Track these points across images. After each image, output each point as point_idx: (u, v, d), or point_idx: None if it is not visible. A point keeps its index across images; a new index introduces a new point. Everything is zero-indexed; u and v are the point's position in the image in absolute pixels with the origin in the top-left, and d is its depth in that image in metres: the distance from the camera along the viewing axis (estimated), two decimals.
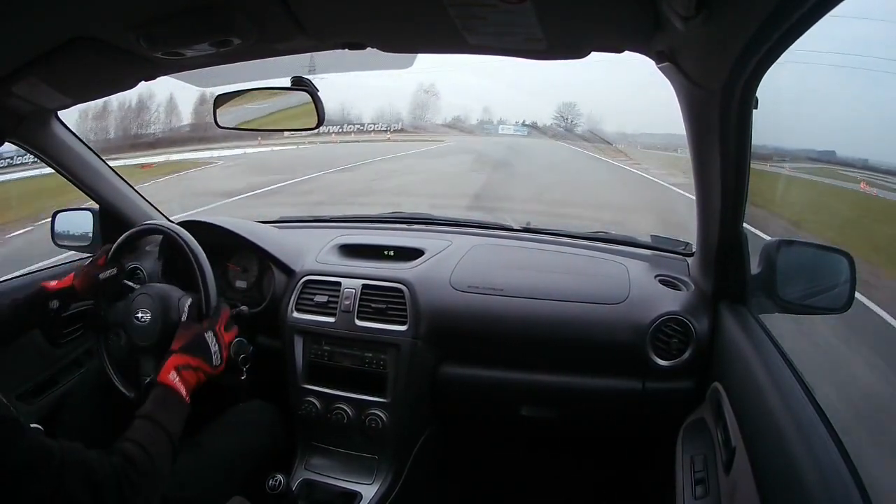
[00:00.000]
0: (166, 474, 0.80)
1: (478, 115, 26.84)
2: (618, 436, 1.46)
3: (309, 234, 1.60)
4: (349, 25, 0.83)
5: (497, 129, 24.35)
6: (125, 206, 1.51)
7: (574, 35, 0.80)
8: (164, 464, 0.80)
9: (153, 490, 0.76)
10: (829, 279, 1.01)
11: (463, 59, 16.53)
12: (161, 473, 0.79)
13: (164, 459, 0.80)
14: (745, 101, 0.75)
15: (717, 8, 0.55)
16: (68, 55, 0.84)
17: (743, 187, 0.91)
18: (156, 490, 0.77)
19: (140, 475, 0.74)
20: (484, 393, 1.30)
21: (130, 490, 0.72)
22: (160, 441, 0.81)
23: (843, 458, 0.62)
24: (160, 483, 0.78)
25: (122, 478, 0.72)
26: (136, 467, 0.74)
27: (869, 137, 11.99)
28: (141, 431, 0.80)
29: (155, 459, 0.77)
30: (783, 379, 0.78)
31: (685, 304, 1.17)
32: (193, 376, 0.95)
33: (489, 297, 1.25)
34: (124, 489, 0.71)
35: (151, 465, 0.76)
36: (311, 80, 1.00)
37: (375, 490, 1.27)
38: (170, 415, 0.85)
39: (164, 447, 0.81)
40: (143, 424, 0.82)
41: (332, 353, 1.30)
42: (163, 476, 0.79)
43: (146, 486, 0.74)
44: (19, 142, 1.22)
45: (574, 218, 6.20)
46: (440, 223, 1.64)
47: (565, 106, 25.68)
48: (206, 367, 0.98)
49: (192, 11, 0.75)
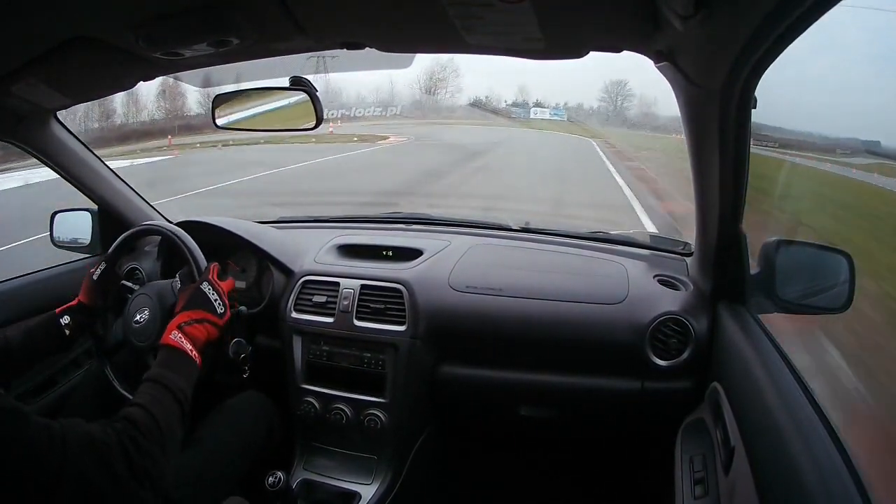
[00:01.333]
0: (177, 433, 0.78)
1: (511, 96, 22.05)
2: (617, 436, 1.46)
3: (308, 234, 1.60)
4: (348, 25, 0.83)
5: (529, 113, 19.66)
6: (124, 207, 1.51)
7: (572, 35, 0.80)
8: (172, 423, 0.77)
9: (163, 450, 0.74)
10: (828, 279, 1.01)
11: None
12: (170, 433, 0.76)
13: (172, 418, 0.78)
14: (744, 101, 0.75)
15: (716, 7, 0.55)
16: (67, 55, 0.85)
17: (742, 187, 0.91)
18: (165, 450, 0.75)
19: (146, 437, 0.72)
20: (482, 393, 1.30)
21: (138, 453, 0.70)
22: (166, 401, 0.78)
23: (842, 457, 0.62)
24: (171, 443, 0.76)
25: (128, 441, 0.70)
26: (140, 429, 0.72)
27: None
28: (144, 394, 0.78)
29: (160, 420, 0.75)
30: (782, 379, 0.78)
31: (684, 303, 1.17)
32: (200, 330, 0.92)
33: (488, 297, 1.25)
34: (130, 453, 0.69)
35: (157, 426, 0.74)
36: (309, 81, 1.00)
37: (374, 490, 1.26)
38: (175, 374, 0.83)
39: (170, 406, 0.78)
40: (147, 387, 0.80)
41: (331, 354, 1.30)
42: (173, 435, 0.77)
43: (154, 448, 0.72)
44: (18, 142, 1.22)
45: None
46: (439, 223, 1.64)
47: (614, 85, 21.27)
48: (210, 316, 0.95)
49: (191, 11, 0.75)
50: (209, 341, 0.95)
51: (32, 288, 1.40)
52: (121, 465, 0.68)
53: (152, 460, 0.72)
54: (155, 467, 0.72)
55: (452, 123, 17.93)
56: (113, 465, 0.68)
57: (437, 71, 19.68)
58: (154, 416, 0.75)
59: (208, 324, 0.94)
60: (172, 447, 0.77)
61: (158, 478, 0.72)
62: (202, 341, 0.92)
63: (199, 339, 0.91)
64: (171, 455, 0.76)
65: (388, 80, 19.83)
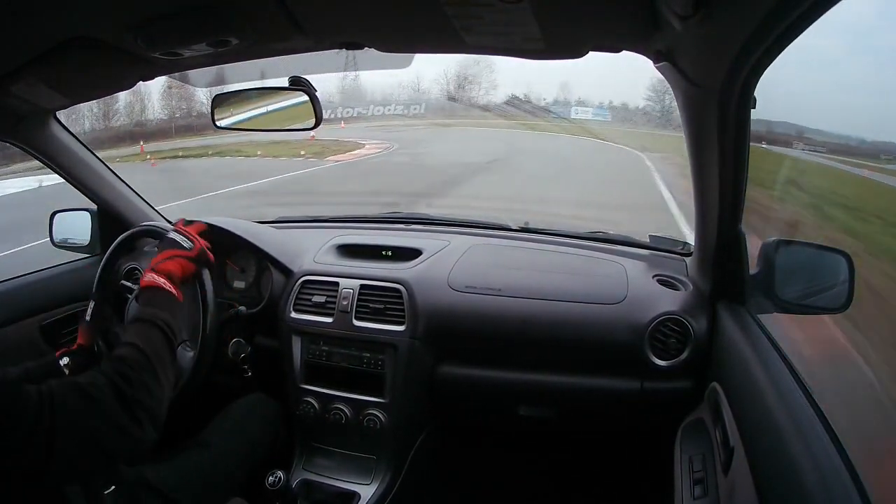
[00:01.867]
0: (167, 362, 0.81)
1: (551, 93, 18.69)
2: (616, 436, 1.46)
3: (307, 234, 1.60)
4: (347, 25, 0.83)
5: (570, 112, 16.59)
6: (123, 207, 1.51)
7: (572, 35, 0.80)
8: (160, 352, 0.80)
9: (156, 379, 0.77)
10: (827, 279, 1.01)
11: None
12: (160, 362, 0.79)
13: (160, 348, 0.81)
14: (743, 101, 0.75)
15: (715, 7, 0.55)
16: (66, 55, 0.85)
17: (741, 187, 0.91)
18: (159, 379, 0.77)
19: (135, 370, 0.74)
20: (482, 393, 1.30)
21: (129, 386, 0.72)
22: (151, 334, 0.81)
23: (841, 457, 0.62)
24: (163, 372, 0.79)
25: (117, 378, 0.72)
26: (129, 363, 0.75)
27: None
28: (130, 334, 0.81)
29: (148, 351, 0.78)
30: (781, 379, 0.78)
31: (683, 303, 1.17)
32: (174, 264, 0.97)
33: (487, 297, 1.25)
34: (121, 387, 0.71)
35: (145, 357, 0.77)
36: (308, 80, 1.00)
37: (374, 490, 1.26)
38: (156, 308, 0.87)
39: (156, 337, 0.81)
40: (132, 327, 0.83)
41: (330, 354, 1.30)
42: (163, 364, 0.80)
43: (146, 377, 0.75)
44: (18, 142, 1.22)
45: None
46: (438, 223, 1.63)
47: (662, 82, 19.47)
48: (178, 252, 1.00)
49: (190, 12, 0.75)
50: (186, 275, 1.00)
51: (32, 288, 1.40)
52: (111, 402, 0.70)
53: (146, 391, 0.74)
54: (150, 398, 0.74)
55: (469, 125, 14.93)
56: (103, 403, 0.69)
57: (470, 65, 17.40)
58: (142, 350, 0.78)
59: (178, 258, 0.99)
60: (165, 377, 0.79)
61: (154, 410, 0.74)
62: (178, 275, 0.96)
63: (174, 272, 0.95)
64: (166, 385, 0.79)
65: (416, 76, 17.85)
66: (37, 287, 1.40)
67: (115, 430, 0.70)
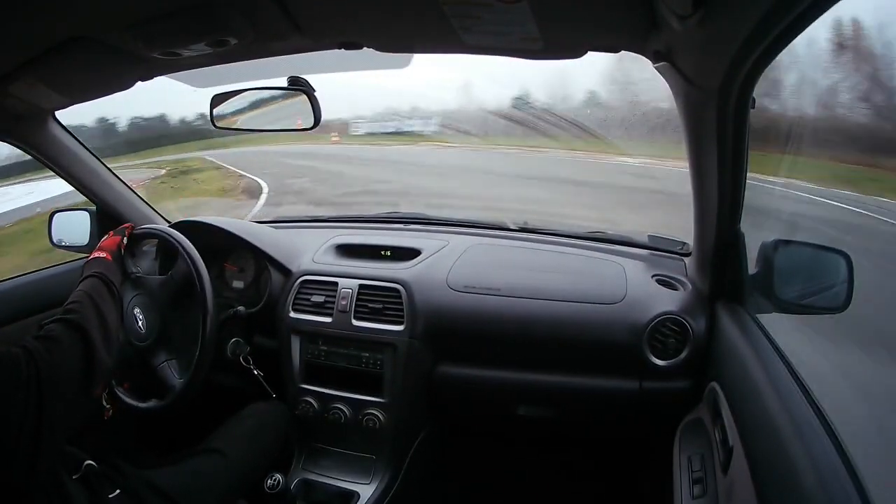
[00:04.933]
0: (107, 299, 0.95)
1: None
2: (615, 435, 1.46)
3: (306, 233, 1.60)
4: (345, 25, 0.83)
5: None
6: (123, 207, 1.51)
7: (570, 35, 0.80)
8: (101, 291, 0.95)
9: (99, 314, 0.89)
10: (826, 279, 1.01)
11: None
12: (100, 299, 0.93)
13: (100, 289, 0.96)
14: (742, 101, 0.75)
15: (714, 7, 0.55)
16: (65, 55, 0.84)
17: (740, 187, 0.91)
18: (102, 314, 0.90)
19: (83, 305, 0.89)
20: (481, 393, 1.30)
21: (72, 314, 0.85)
22: (93, 282, 0.97)
23: (840, 457, 0.62)
24: (106, 308, 0.92)
25: (63, 314, 0.85)
26: (76, 303, 0.89)
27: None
28: (77, 289, 0.96)
29: (91, 293, 0.93)
30: (780, 379, 0.78)
31: (682, 303, 1.17)
32: (108, 241, 1.13)
33: (486, 296, 1.25)
34: (64, 318, 0.84)
35: (88, 297, 0.92)
36: (307, 81, 1.00)
37: (373, 490, 1.26)
38: (94, 266, 1.03)
39: (96, 284, 0.97)
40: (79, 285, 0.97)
41: (329, 353, 1.30)
42: (104, 301, 0.93)
43: (88, 314, 0.87)
44: (16, 142, 1.22)
45: None
46: (437, 223, 1.63)
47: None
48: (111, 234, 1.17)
49: (189, 12, 0.75)
50: (114, 244, 1.13)
51: (32, 288, 1.40)
52: (65, 334, 0.81)
53: (97, 322, 0.87)
54: (101, 322, 0.88)
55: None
56: (57, 337, 0.80)
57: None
58: (84, 292, 0.93)
59: (110, 237, 1.16)
60: (109, 311, 0.93)
61: (106, 333, 0.88)
62: (110, 247, 1.11)
63: (106, 245, 1.12)
64: (110, 319, 0.92)
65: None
66: (37, 287, 1.40)
67: (78, 361, 0.81)
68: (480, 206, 4.92)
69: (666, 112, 2.50)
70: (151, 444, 1.57)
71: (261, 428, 1.20)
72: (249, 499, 1.11)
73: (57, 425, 0.72)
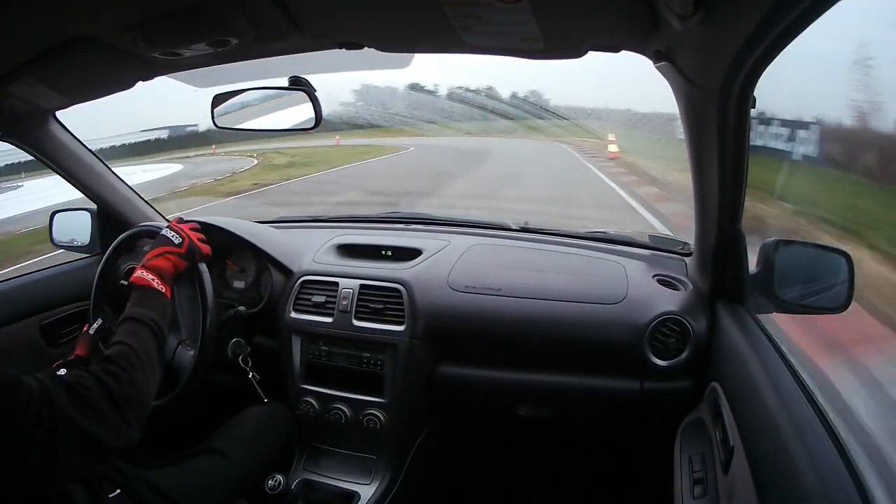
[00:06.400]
0: (155, 359, 0.86)
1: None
2: (615, 436, 1.46)
3: (307, 233, 1.60)
4: (346, 25, 0.83)
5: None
6: (123, 207, 1.51)
7: (571, 34, 0.80)
8: (149, 349, 0.85)
9: (145, 374, 0.81)
10: (827, 279, 1.01)
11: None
12: (149, 359, 0.84)
13: (148, 345, 0.86)
14: (742, 101, 0.75)
15: (715, 7, 0.55)
16: (65, 55, 0.84)
17: (741, 187, 0.91)
18: (147, 374, 0.82)
19: (124, 368, 0.79)
20: (481, 393, 1.30)
21: (117, 383, 0.76)
22: (140, 332, 0.86)
23: (841, 457, 0.62)
24: (150, 368, 0.84)
25: (105, 375, 0.76)
26: (118, 362, 0.79)
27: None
28: (120, 332, 0.86)
29: (137, 349, 0.82)
30: (781, 379, 0.78)
31: (683, 303, 1.17)
32: (164, 261, 1.00)
33: (487, 297, 1.25)
34: (109, 385, 0.75)
35: (135, 354, 0.82)
36: (308, 80, 1.00)
37: (373, 490, 1.26)
38: (144, 308, 0.91)
39: (145, 335, 0.86)
40: (122, 326, 0.87)
41: (330, 353, 1.30)
42: (152, 361, 0.85)
43: (136, 374, 0.79)
44: (16, 142, 1.22)
45: None
46: (438, 223, 1.63)
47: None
48: (169, 248, 1.03)
49: (190, 11, 0.75)
50: (178, 272, 1.04)
51: (32, 288, 1.40)
52: (101, 400, 0.73)
53: (135, 388, 0.78)
54: (138, 395, 0.79)
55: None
56: (93, 402, 0.72)
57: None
58: (131, 346, 0.83)
59: (168, 255, 1.02)
60: (153, 374, 0.84)
61: (142, 407, 0.79)
62: (169, 271, 1.00)
63: (164, 268, 0.99)
64: (153, 383, 0.84)
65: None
66: (37, 287, 1.40)
67: (105, 428, 0.72)
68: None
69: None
70: (152, 444, 1.57)
71: (261, 428, 1.20)
72: (250, 499, 1.11)
73: (70, 466, 0.69)
